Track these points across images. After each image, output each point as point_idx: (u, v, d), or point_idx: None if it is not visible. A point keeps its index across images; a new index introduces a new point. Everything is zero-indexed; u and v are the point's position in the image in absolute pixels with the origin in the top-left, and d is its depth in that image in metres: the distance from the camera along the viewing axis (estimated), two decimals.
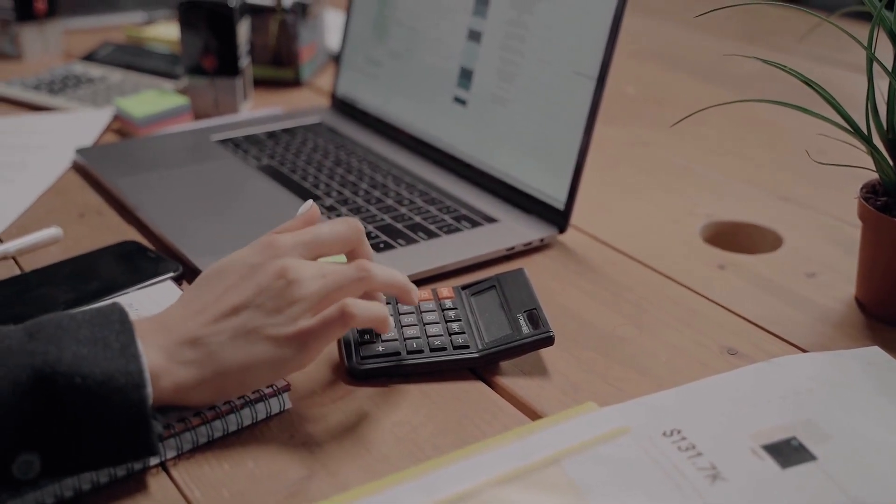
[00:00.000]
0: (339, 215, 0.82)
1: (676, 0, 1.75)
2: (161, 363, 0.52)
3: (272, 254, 0.56)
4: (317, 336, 0.54)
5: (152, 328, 0.54)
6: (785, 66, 0.67)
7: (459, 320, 0.65)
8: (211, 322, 0.54)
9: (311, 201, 0.62)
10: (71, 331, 0.49)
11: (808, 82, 0.67)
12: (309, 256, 0.58)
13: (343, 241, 0.59)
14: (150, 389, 0.49)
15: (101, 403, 0.47)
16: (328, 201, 0.85)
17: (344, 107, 1.08)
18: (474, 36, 0.89)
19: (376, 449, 0.56)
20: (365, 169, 0.92)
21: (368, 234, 0.78)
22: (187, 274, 0.73)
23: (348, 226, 0.59)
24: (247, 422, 0.57)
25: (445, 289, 0.69)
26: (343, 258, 0.62)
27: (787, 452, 0.53)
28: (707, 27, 1.56)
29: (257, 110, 1.11)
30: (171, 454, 0.54)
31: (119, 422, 0.48)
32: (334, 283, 0.56)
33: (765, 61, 0.68)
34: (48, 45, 1.30)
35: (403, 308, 0.66)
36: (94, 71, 1.21)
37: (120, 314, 0.51)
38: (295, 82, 1.21)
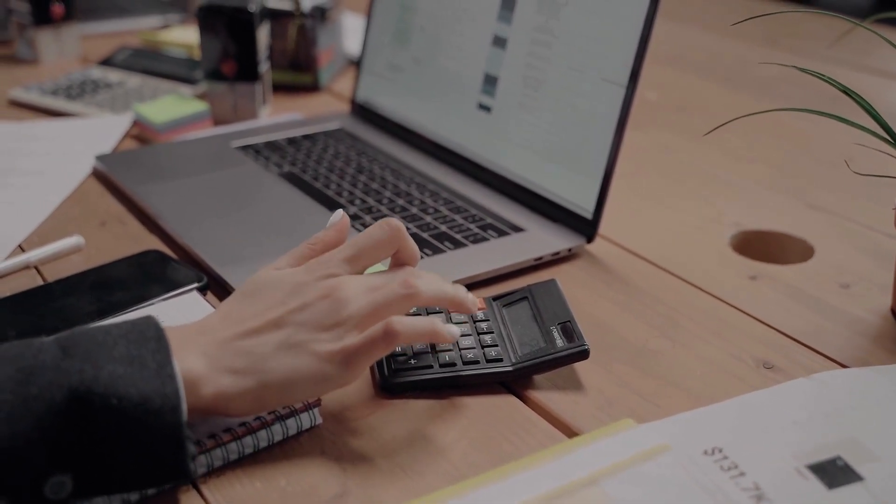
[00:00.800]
0: (364, 225, 0.81)
1: (693, 3, 1.74)
2: (203, 370, 0.51)
3: (318, 272, 0.56)
4: (361, 354, 0.53)
5: (194, 333, 0.53)
6: (823, 75, 0.65)
7: (492, 332, 0.64)
8: (256, 332, 0.53)
9: (341, 211, 0.62)
10: (106, 347, 0.48)
11: (846, 91, 0.65)
12: (354, 271, 0.58)
13: (385, 246, 0.59)
14: (185, 410, 0.48)
15: (137, 426, 0.46)
16: (352, 209, 0.84)
17: (364, 112, 1.06)
18: (499, 42, 0.88)
19: (409, 466, 0.55)
20: (388, 176, 0.91)
21: None
22: (212, 284, 0.72)
23: (388, 229, 0.58)
24: (277, 437, 0.56)
25: (477, 299, 0.67)
26: (386, 264, 0.61)
27: (833, 472, 0.52)
28: (726, 31, 1.54)
29: (276, 116, 1.10)
30: (201, 471, 0.53)
31: (154, 445, 0.47)
32: (379, 301, 0.55)
33: (802, 70, 0.67)
34: (65, 49, 1.30)
35: None
36: (112, 76, 1.20)
37: (156, 330, 0.50)
38: (313, 87, 1.20)
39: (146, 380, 0.47)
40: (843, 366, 0.65)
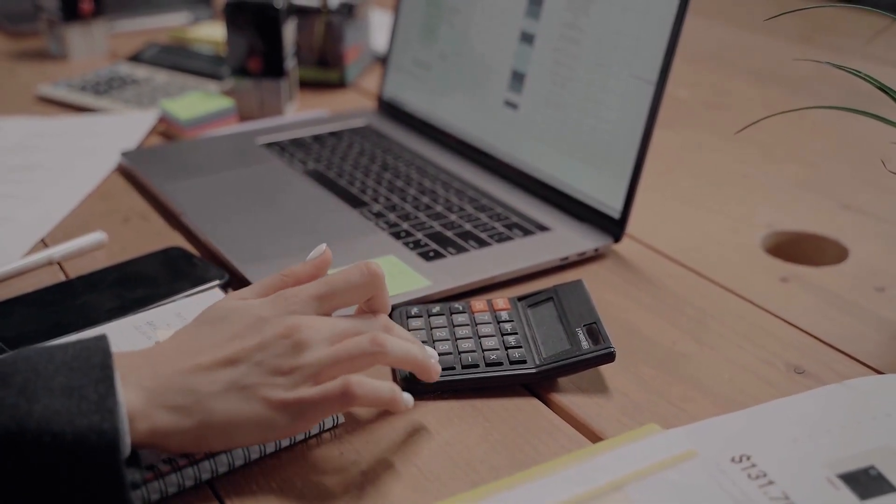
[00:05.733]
0: (387, 222, 0.80)
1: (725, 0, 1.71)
2: (140, 405, 0.47)
3: (283, 308, 0.53)
4: (313, 408, 0.50)
5: (138, 364, 0.50)
6: (859, 72, 0.63)
7: (516, 333, 0.63)
8: (205, 369, 0.50)
9: (324, 245, 0.58)
10: (45, 377, 0.45)
11: (883, 88, 0.63)
12: (323, 311, 0.54)
13: (360, 291, 0.55)
14: (127, 444, 0.46)
15: (71, 464, 0.44)
16: (375, 207, 0.83)
17: (391, 109, 1.06)
18: (527, 38, 0.87)
19: (428, 469, 0.54)
20: (413, 174, 0.90)
21: (417, 243, 0.76)
22: (233, 282, 0.72)
23: (366, 275, 0.55)
24: (299, 437, 0.55)
25: (501, 300, 0.66)
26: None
27: (866, 482, 0.50)
28: (759, 27, 1.52)
29: (302, 112, 1.10)
30: (222, 469, 0.52)
31: (89, 484, 0.44)
32: (343, 355, 0.52)
33: (837, 66, 0.65)
34: (94, 45, 1.30)
35: (458, 320, 0.64)
36: (140, 72, 1.20)
37: (102, 356, 0.47)
38: (340, 84, 1.19)
39: (84, 414, 0.44)
40: (878, 372, 0.63)
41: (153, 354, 0.51)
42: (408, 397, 0.54)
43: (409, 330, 0.63)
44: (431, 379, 0.57)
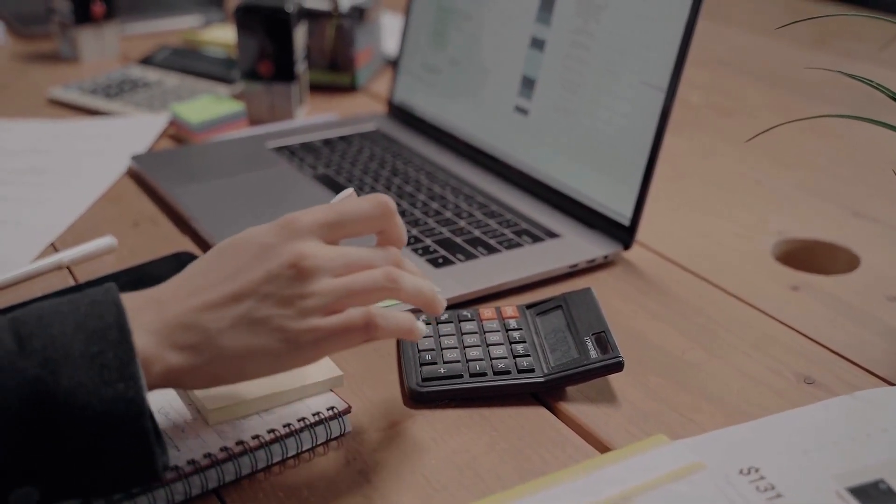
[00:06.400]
0: None
1: (739, 3, 1.71)
2: (151, 349, 0.47)
3: (289, 234, 0.50)
4: (333, 338, 0.49)
5: (144, 306, 0.49)
6: (871, 81, 0.63)
7: (524, 342, 0.63)
8: (211, 306, 0.49)
9: (350, 189, 0.56)
10: (64, 344, 0.44)
11: (894, 97, 0.63)
12: (330, 239, 0.52)
13: (371, 222, 0.53)
14: (149, 408, 0.45)
15: (101, 433, 0.44)
16: None
17: (401, 114, 1.05)
18: (537, 44, 0.87)
19: (436, 478, 0.54)
20: (422, 179, 0.90)
21: (426, 249, 0.76)
22: None
23: (377, 204, 0.53)
24: (306, 445, 0.55)
25: (510, 307, 0.66)
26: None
27: (875, 496, 0.50)
28: (773, 32, 1.51)
29: (313, 116, 1.10)
30: (229, 478, 0.52)
31: (119, 451, 0.45)
32: (358, 287, 0.50)
33: (849, 75, 0.64)
34: (105, 48, 1.30)
35: (466, 328, 0.64)
36: (151, 75, 1.20)
37: (116, 311, 0.46)
38: (351, 87, 1.19)
39: (108, 383, 0.44)
40: (889, 383, 0.63)
41: (159, 294, 0.50)
42: (422, 325, 0.53)
43: None
44: (437, 314, 0.56)
